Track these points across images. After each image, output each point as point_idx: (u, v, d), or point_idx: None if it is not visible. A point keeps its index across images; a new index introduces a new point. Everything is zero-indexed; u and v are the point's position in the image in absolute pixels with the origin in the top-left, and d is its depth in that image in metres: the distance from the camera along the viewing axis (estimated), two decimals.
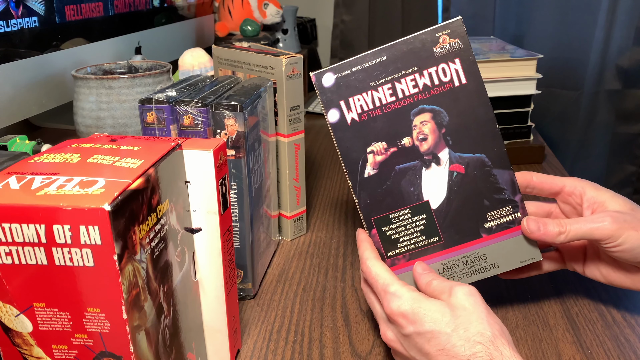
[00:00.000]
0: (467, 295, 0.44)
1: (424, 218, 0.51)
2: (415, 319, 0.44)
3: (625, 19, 1.60)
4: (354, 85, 0.50)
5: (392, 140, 0.50)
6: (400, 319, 0.45)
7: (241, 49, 0.73)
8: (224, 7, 1.44)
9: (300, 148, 0.71)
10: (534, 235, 0.50)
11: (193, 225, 0.45)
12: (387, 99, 0.50)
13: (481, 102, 0.50)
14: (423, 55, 0.50)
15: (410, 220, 0.51)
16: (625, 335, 0.54)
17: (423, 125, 0.50)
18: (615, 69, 1.66)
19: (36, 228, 0.33)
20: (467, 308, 0.43)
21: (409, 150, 0.50)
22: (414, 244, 0.51)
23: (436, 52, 0.49)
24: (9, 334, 0.36)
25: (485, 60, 0.96)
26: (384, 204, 0.51)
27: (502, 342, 0.41)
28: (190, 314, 0.45)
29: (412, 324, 0.44)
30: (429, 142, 0.50)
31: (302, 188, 0.73)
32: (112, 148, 0.40)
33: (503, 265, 0.52)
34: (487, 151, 0.51)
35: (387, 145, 0.50)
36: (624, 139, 1.71)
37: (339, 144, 0.50)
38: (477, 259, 0.52)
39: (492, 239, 0.51)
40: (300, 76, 0.68)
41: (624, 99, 1.68)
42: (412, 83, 0.50)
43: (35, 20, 0.86)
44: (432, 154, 0.51)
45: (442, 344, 0.42)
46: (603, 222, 0.49)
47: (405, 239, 0.51)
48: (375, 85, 0.50)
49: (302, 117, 0.70)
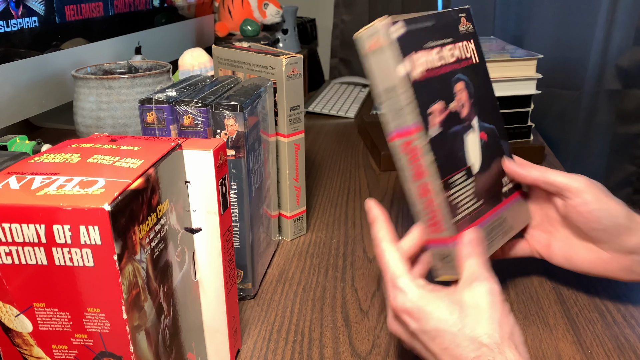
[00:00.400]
0: (486, 293, 0.43)
1: (473, 182, 0.52)
2: (420, 316, 0.43)
3: (625, 19, 1.60)
4: (418, 42, 0.49)
5: (445, 103, 0.51)
6: (405, 316, 0.44)
7: (241, 49, 0.73)
8: (224, 7, 1.44)
9: (300, 148, 0.71)
10: (513, 166, 0.56)
11: (193, 225, 0.45)
12: (436, 62, 0.51)
13: (488, 80, 0.56)
14: (454, 30, 0.54)
15: (465, 183, 0.51)
16: (625, 335, 0.54)
17: (461, 93, 0.53)
18: (615, 69, 1.66)
19: (36, 228, 0.33)
20: (480, 306, 0.42)
21: (456, 115, 0.52)
22: (469, 207, 0.51)
23: (460, 30, 0.54)
24: (9, 334, 0.36)
25: (485, 60, 0.96)
26: (448, 166, 0.50)
27: (509, 344, 0.40)
28: (190, 314, 0.45)
29: (416, 321, 0.43)
30: (466, 109, 0.53)
31: (302, 188, 0.73)
32: (112, 148, 0.40)
33: (516, 226, 0.56)
34: (496, 123, 0.56)
35: (443, 106, 0.51)
36: (624, 139, 1.71)
37: (410, 98, 0.47)
38: (502, 222, 0.55)
39: (508, 203, 0.56)
40: (301, 76, 0.68)
41: (624, 99, 1.68)
42: (450, 52, 0.52)
43: (35, 20, 0.86)
44: (468, 120, 0.53)
45: (446, 343, 0.42)
46: (577, 177, 0.53)
47: (463, 203, 0.51)
48: (429, 46, 0.50)
49: (302, 117, 0.70)
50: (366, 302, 0.60)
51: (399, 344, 0.54)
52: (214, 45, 0.77)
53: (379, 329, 0.56)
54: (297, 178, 0.72)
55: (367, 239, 0.74)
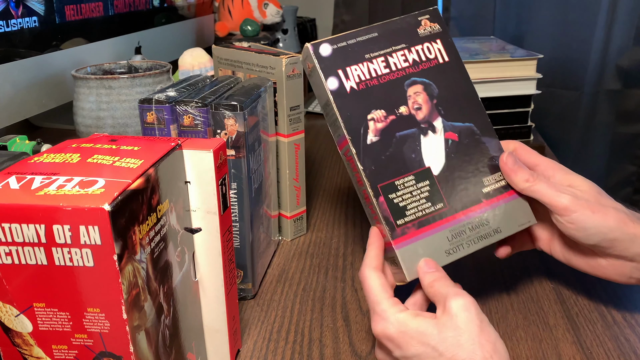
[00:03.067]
0: (461, 309, 0.43)
1: (428, 184, 0.52)
2: (401, 343, 0.43)
3: (625, 19, 1.60)
4: (351, 56, 0.52)
5: (390, 109, 0.52)
6: (387, 342, 0.44)
7: (241, 49, 0.73)
8: (224, 7, 1.44)
9: (300, 148, 0.71)
10: (506, 167, 0.52)
11: (193, 225, 0.45)
12: (381, 70, 0.53)
13: (463, 77, 0.55)
14: (409, 35, 0.55)
15: (415, 186, 0.51)
16: (625, 335, 0.54)
17: (417, 96, 0.53)
18: (615, 69, 1.66)
19: (36, 228, 0.33)
20: (458, 327, 0.42)
21: (407, 119, 0.53)
22: (421, 210, 0.51)
23: (420, 33, 0.55)
24: (9, 334, 0.36)
25: (485, 60, 0.96)
26: (389, 171, 0.51)
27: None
28: (190, 314, 0.45)
29: (398, 348, 0.43)
30: (423, 111, 0.53)
31: (302, 188, 0.73)
32: (112, 148, 0.40)
33: (505, 229, 0.53)
34: (474, 120, 0.55)
35: (386, 113, 0.52)
36: (624, 139, 1.71)
37: (340, 111, 0.51)
38: (481, 224, 0.52)
39: (492, 204, 0.53)
40: (301, 76, 0.68)
41: (624, 99, 1.68)
42: (402, 58, 0.54)
43: (35, 20, 0.86)
44: (427, 122, 0.53)
45: None
46: (564, 194, 0.49)
47: (412, 206, 0.51)
48: (369, 57, 0.53)
49: (302, 117, 0.70)
50: (366, 302, 0.60)
51: None
52: (214, 45, 0.77)
53: None
54: (297, 178, 0.72)
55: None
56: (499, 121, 0.99)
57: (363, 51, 0.53)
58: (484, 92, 0.97)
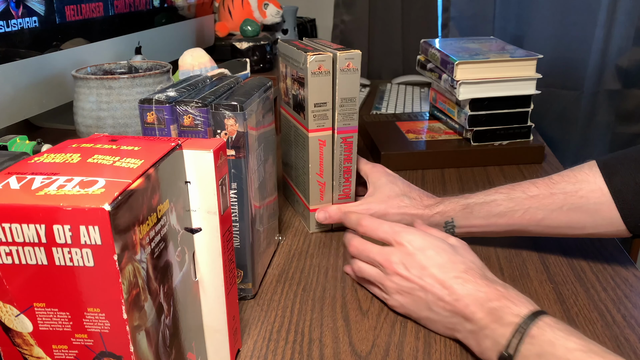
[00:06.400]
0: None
1: None
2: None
3: (625, 19, 1.60)
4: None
5: None
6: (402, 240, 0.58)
7: (292, 44, 0.75)
8: (224, 7, 1.44)
9: (326, 145, 0.72)
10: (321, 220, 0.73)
11: (193, 225, 0.45)
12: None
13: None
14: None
15: None
16: (625, 335, 0.54)
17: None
18: (615, 69, 1.66)
19: (36, 228, 0.33)
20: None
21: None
22: None
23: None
24: (9, 334, 0.36)
25: (485, 60, 0.96)
26: None
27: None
28: (190, 314, 0.45)
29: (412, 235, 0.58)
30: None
31: (327, 184, 0.74)
32: (112, 148, 0.41)
33: None
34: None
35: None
36: (624, 139, 1.71)
37: None
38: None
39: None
40: (329, 74, 0.69)
41: (624, 99, 1.68)
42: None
43: (35, 20, 0.86)
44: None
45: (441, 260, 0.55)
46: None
47: None
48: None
49: (330, 114, 0.70)
50: (366, 302, 0.60)
51: (399, 344, 0.54)
52: (279, 39, 0.80)
53: (379, 329, 0.56)
54: (322, 174, 0.73)
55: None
56: (498, 121, 0.99)
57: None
58: (484, 93, 0.97)
